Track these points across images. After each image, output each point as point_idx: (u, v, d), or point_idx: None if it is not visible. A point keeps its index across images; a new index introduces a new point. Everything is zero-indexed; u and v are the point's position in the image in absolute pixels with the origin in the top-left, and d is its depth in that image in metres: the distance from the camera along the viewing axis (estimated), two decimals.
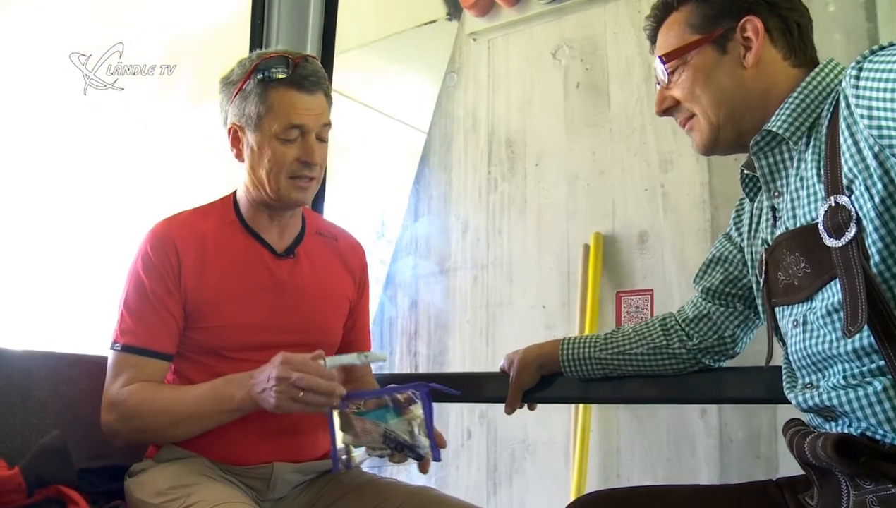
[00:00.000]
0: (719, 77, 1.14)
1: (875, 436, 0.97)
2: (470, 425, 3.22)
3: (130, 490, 1.41)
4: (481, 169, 3.38)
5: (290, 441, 1.50)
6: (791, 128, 1.08)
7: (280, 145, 1.45)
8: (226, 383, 1.36)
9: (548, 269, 3.05)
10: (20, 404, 1.49)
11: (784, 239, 1.08)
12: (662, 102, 1.22)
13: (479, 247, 3.32)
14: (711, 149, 1.19)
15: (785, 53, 1.14)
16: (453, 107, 3.54)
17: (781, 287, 1.10)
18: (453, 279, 3.40)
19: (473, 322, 3.29)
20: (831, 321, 1.00)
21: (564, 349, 1.50)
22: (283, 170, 1.45)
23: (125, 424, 1.40)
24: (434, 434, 1.32)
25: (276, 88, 1.45)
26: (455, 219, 3.44)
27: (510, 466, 3.07)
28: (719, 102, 1.15)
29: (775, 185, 1.13)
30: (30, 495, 1.30)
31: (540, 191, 3.13)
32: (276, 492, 1.48)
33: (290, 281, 1.53)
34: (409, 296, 3.58)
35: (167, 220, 1.53)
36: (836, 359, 1.01)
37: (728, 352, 1.41)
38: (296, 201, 1.49)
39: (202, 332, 1.47)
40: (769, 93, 1.13)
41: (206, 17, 3.28)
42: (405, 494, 1.45)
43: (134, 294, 1.45)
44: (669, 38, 1.19)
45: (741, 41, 1.13)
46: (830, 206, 0.99)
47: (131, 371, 1.41)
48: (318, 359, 1.26)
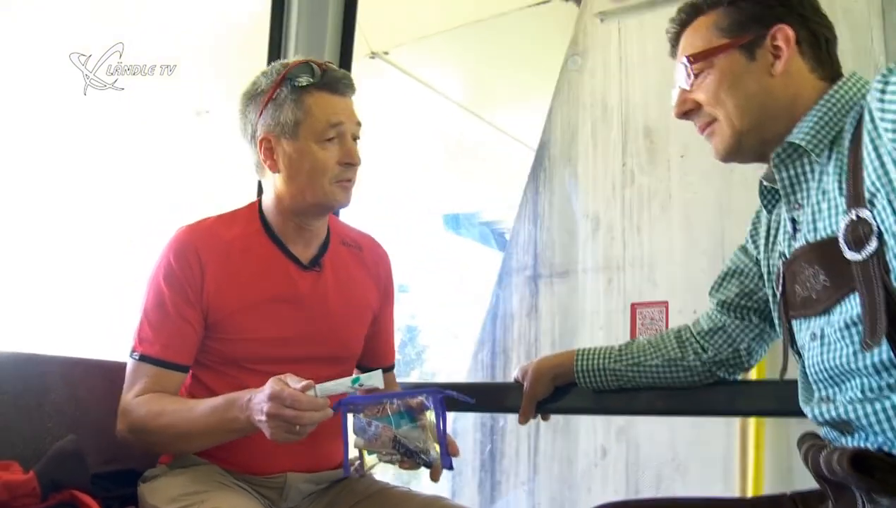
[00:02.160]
0: (746, 83, 1.14)
1: (892, 451, 0.97)
2: (605, 442, 2.90)
3: (144, 496, 1.41)
4: (614, 160, 3.07)
5: (305, 451, 1.48)
6: (814, 141, 1.08)
7: (321, 150, 1.45)
8: (227, 406, 1.32)
9: (698, 271, 2.73)
10: (36, 408, 1.48)
11: (803, 251, 1.09)
12: (683, 105, 1.21)
13: (615, 246, 3.01)
14: (732, 156, 1.19)
15: (812, 65, 1.14)
16: (577, 93, 3.23)
17: (799, 300, 1.10)
18: (583, 281, 3.09)
19: (608, 328, 2.97)
20: (849, 334, 1.01)
21: (579, 360, 1.50)
22: (327, 175, 1.45)
23: (134, 435, 1.40)
24: (447, 441, 1.31)
25: (311, 93, 1.45)
26: (583, 215, 3.13)
27: (655, 489, 2.73)
28: (744, 108, 1.14)
29: (795, 198, 1.13)
30: (44, 499, 1.30)
31: (687, 186, 2.83)
32: (289, 501, 1.48)
33: (313, 294, 1.52)
34: (526, 300, 3.27)
35: (191, 227, 1.51)
36: (853, 373, 1.02)
37: (743, 365, 1.42)
38: (340, 204, 1.50)
39: (224, 343, 1.47)
40: (795, 104, 1.13)
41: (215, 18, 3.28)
42: (417, 504, 1.45)
43: (154, 303, 1.45)
44: (696, 40, 1.19)
45: (770, 49, 1.13)
46: (852, 220, 0.99)
47: (146, 381, 1.41)
48: (308, 390, 1.21)
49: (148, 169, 3.55)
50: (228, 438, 1.37)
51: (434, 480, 1.32)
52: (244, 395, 1.27)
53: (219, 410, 1.32)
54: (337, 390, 1.23)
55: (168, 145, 3.67)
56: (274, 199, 1.52)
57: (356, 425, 1.30)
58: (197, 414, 1.35)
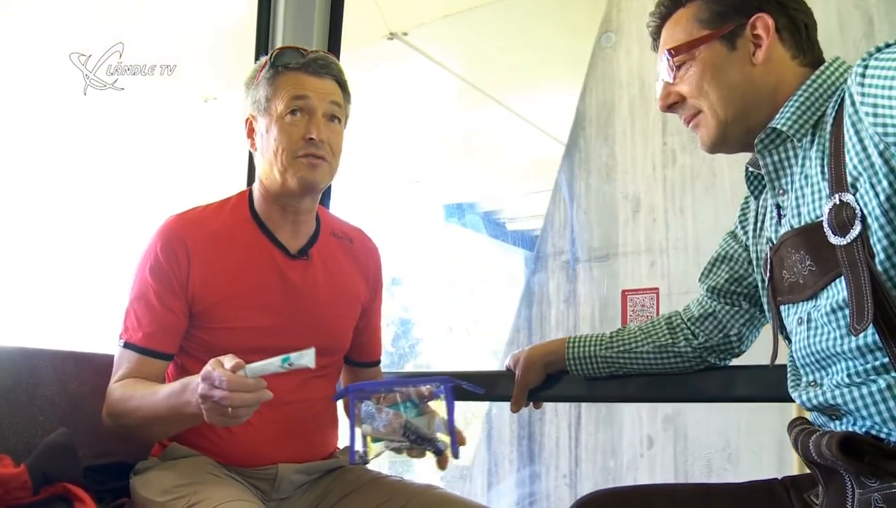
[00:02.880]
0: (728, 73, 1.14)
1: (879, 434, 0.97)
2: (650, 431, 2.82)
3: (136, 489, 1.41)
4: (654, 140, 2.98)
5: (296, 442, 1.50)
6: (795, 126, 1.09)
7: (285, 124, 1.46)
8: (182, 389, 1.29)
9: None
10: (27, 402, 1.49)
11: (788, 237, 1.09)
12: (667, 98, 1.21)
13: (657, 228, 2.92)
14: (718, 146, 1.19)
15: (794, 52, 1.14)
16: (613, 70, 3.16)
17: (787, 285, 1.11)
18: (623, 265, 3.00)
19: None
20: (836, 318, 1.01)
21: (570, 347, 1.50)
22: (290, 150, 1.45)
23: (111, 419, 1.42)
24: (455, 430, 1.30)
25: (286, 74, 1.48)
26: (622, 196, 3.04)
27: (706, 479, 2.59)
28: (728, 99, 1.15)
29: (780, 183, 1.14)
30: (36, 492, 1.31)
31: (733, 164, 2.61)
32: (282, 492, 1.48)
33: (301, 284, 1.52)
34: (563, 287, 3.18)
35: (179, 217, 1.52)
36: (839, 357, 1.02)
37: (734, 351, 1.42)
38: (303, 181, 1.46)
39: (210, 332, 1.47)
40: (777, 91, 1.13)
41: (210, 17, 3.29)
42: (411, 493, 1.45)
43: (139, 292, 1.46)
44: (677, 33, 1.19)
45: (751, 38, 1.14)
46: (835, 204, 0.99)
47: (127, 367, 1.43)
48: (238, 370, 1.16)
49: (147, 169, 3.56)
50: (188, 423, 1.35)
51: (441, 468, 1.31)
52: (195, 379, 1.24)
53: (174, 394, 1.30)
54: (267, 370, 1.17)
55: (169, 142, 3.68)
56: (259, 183, 1.53)
57: (363, 412, 1.29)
58: (158, 398, 1.33)
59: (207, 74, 3.62)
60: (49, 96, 3.19)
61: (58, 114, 3.27)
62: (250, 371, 1.16)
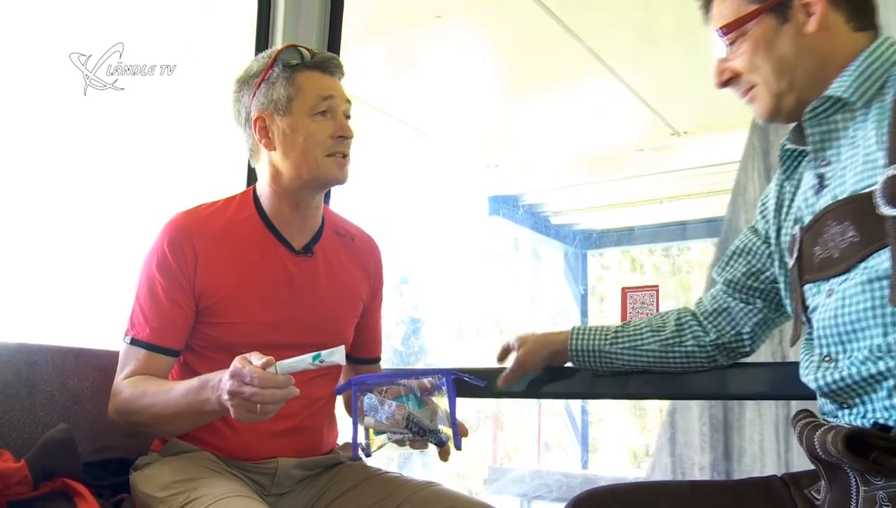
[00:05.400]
0: (780, 45, 1.13)
1: (888, 422, 0.97)
2: None
3: (136, 484, 1.41)
4: None
5: (296, 438, 1.50)
6: (857, 93, 1.07)
7: (314, 123, 1.48)
8: (200, 387, 1.31)
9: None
10: (27, 397, 1.49)
11: (832, 208, 1.06)
12: (722, 74, 1.20)
13: None
14: (773, 118, 1.19)
15: (848, 16, 1.12)
16: None
17: (817, 262, 1.09)
18: None
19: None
20: (871, 289, 0.99)
21: (574, 339, 1.48)
22: (320, 147, 1.48)
23: (120, 416, 1.41)
24: (457, 422, 1.30)
25: (302, 71, 1.50)
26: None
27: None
28: (781, 71, 1.13)
29: (825, 154, 1.12)
30: (35, 487, 1.31)
31: None
32: (281, 487, 1.48)
33: (305, 280, 1.53)
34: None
35: (185, 214, 1.53)
36: (865, 331, 1.00)
37: (744, 349, 1.39)
38: (335, 178, 1.51)
39: (215, 328, 1.48)
40: (832, 59, 1.11)
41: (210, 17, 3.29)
42: (410, 489, 1.45)
43: (146, 288, 1.46)
44: (724, 10, 1.18)
45: (801, 7, 1.12)
46: (892, 175, 0.98)
47: (135, 364, 1.43)
48: (268, 367, 1.18)
49: (147, 169, 3.56)
50: (204, 420, 1.38)
51: (444, 460, 1.31)
52: (216, 376, 1.26)
53: (192, 391, 1.32)
54: (298, 367, 1.19)
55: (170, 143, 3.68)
56: (270, 180, 1.53)
57: (366, 404, 1.29)
58: (174, 395, 1.35)
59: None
60: (49, 96, 3.18)
61: (58, 114, 3.26)
62: (281, 368, 1.19)
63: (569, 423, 8.19)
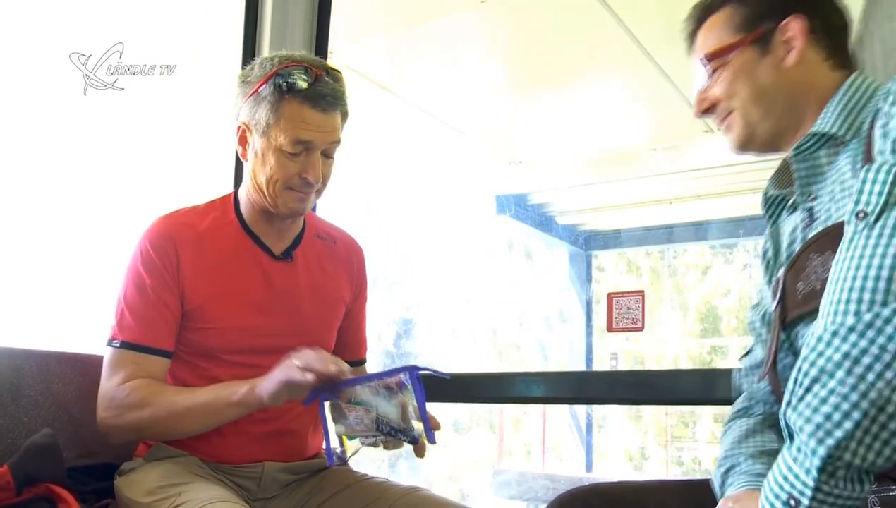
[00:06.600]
0: (760, 75, 1.15)
1: None
2: None
3: (120, 489, 1.40)
4: None
5: (281, 442, 1.50)
6: (844, 126, 1.07)
7: (283, 158, 1.43)
8: (227, 384, 1.36)
9: None
10: (10, 402, 1.48)
11: (811, 242, 1.07)
12: (702, 103, 1.21)
13: None
14: (746, 145, 1.19)
15: (826, 54, 1.14)
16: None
17: (801, 297, 1.08)
18: None
19: None
20: None
21: None
22: (282, 182, 1.44)
23: (124, 419, 1.39)
24: (427, 416, 1.28)
25: (290, 101, 1.41)
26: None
27: None
28: (758, 98, 1.15)
29: (811, 189, 1.13)
30: (19, 493, 1.30)
31: None
32: (267, 492, 1.48)
33: (285, 285, 1.53)
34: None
35: (166, 218, 1.52)
36: None
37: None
38: (292, 212, 1.49)
39: (196, 333, 1.47)
40: (808, 93, 1.13)
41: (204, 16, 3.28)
42: (396, 494, 1.45)
43: (133, 290, 1.45)
44: (710, 40, 1.20)
45: (783, 41, 1.14)
46: None
47: (131, 367, 1.41)
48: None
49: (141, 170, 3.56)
50: (224, 417, 1.38)
51: (420, 456, 1.29)
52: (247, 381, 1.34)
53: (219, 387, 1.37)
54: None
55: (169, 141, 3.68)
56: (246, 189, 1.53)
57: (334, 413, 1.29)
58: (198, 392, 1.39)
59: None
60: (49, 96, 3.18)
61: (58, 114, 3.26)
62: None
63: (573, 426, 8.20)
